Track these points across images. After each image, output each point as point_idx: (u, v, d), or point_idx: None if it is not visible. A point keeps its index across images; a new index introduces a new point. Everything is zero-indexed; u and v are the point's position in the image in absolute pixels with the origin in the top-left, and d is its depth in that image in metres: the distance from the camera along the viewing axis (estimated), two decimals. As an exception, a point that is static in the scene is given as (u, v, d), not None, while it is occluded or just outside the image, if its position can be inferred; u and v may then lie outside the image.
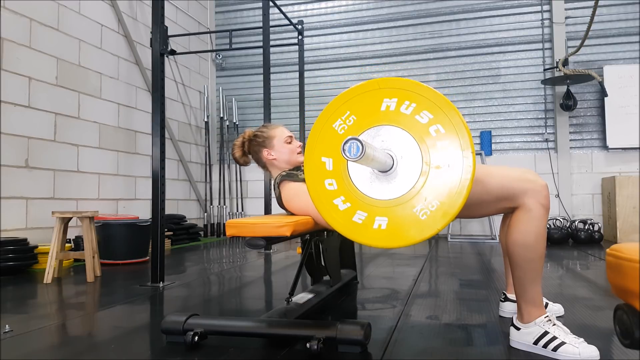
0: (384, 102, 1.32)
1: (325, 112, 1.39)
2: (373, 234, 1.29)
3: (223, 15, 6.87)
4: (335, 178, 1.35)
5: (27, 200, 3.74)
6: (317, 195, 1.37)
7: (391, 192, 1.29)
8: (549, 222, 5.09)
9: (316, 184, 1.37)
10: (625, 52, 5.48)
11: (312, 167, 1.38)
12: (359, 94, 1.36)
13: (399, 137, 1.30)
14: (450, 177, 1.23)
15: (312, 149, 1.40)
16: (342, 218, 1.33)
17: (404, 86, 1.31)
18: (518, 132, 5.78)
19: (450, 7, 6.02)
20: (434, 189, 1.24)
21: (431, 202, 1.24)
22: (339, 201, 1.33)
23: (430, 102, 1.28)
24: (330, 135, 1.37)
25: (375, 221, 1.29)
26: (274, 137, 1.95)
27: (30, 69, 3.80)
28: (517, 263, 1.51)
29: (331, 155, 1.36)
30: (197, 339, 1.58)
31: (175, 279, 3.04)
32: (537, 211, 1.48)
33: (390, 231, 1.27)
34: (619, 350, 1.51)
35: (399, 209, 1.27)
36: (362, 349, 1.50)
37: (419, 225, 1.25)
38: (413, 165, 1.27)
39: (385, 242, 1.28)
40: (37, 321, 2.01)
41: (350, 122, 1.35)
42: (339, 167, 1.35)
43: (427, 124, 1.27)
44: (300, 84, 5.34)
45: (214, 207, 6.42)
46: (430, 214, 1.24)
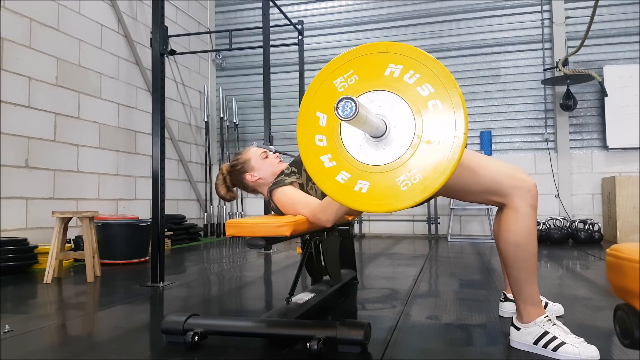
0: (389, 67, 1.31)
1: (328, 67, 1.37)
2: (352, 195, 1.29)
3: (223, 15, 6.87)
4: (326, 135, 1.34)
5: (27, 200, 3.74)
6: (306, 148, 1.36)
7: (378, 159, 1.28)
8: (549, 222, 5.09)
9: (306, 137, 1.36)
10: (625, 52, 5.48)
11: (305, 119, 1.37)
12: (365, 54, 1.34)
13: (396, 105, 1.29)
14: (438, 154, 1.23)
15: (308, 101, 1.38)
16: (325, 175, 1.32)
17: (412, 55, 1.30)
18: (518, 132, 5.78)
19: (450, 7, 6.02)
20: (420, 163, 1.24)
21: (414, 174, 1.23)
22: (326, 158, 1.33)
23: (435, 76, 1.27)
24: (330, 91, 1.36)
25: (357, 184, 1.29)
26: (250, 159, 1.97)
27: (30, 69, 3.80)
28: (511, 262, 1.52)
29: (326, 111, 1.35)
30: (197, 339, 1.58)
31: (175, 279, 3.04)
32: (524, 210, 1.49)
33: (369, 195, 1.27)
34: (619, 350, 1.51)
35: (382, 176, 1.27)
36: (362, 349, 1.50)
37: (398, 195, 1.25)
38: (405, 135, 1.27)
39: (363, 205, 1.28)
40: (37, 321, 2.01)
41: (352, 82, 1.34)
42: (332, 124, 1.34)
43: (427, 97, 1.26)
44: (300, 84, 5.34)
45: (214, 207, 6.42)
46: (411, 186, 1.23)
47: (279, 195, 1.78)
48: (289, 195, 1.76)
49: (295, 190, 1.78)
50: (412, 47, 1.30)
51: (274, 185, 1.83)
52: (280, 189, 1.80)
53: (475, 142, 5.87)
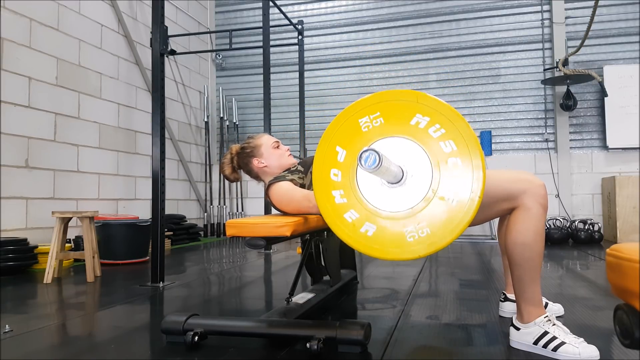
0: (416, 117, 1.31)
1: (355, 105, 1.37)
2: (357, 236, 1.30)
3: (223, 15, 6.87)
4: (342, 171, 1.34)
5: (27, 200, 3.74)
6: (319, 180, 1.36)
7: (390, 205, 1.28)
8: (549, 222, 5.09)
9: (322, 169, 1.37)
10: (625, 52, 5.48)
11: (325, 151, 1.37)
12: (394, 100, 1.34)
13: (417, 155, 1.29)
14: (450, 212, 1.23)
15: (331, 134, 1.38)
16: (334, 211, 1.33)
17: (441, 109, 1.30)
18: (518, 132, 5.78)
19: (450, 7, 6.02)
20: (431, 218, 1.24)
21: (423, 228, 1.23)
22: (337, 194, 1.33)
23: (459, 134, 1.27)
24: (353, 128, 1.36)
25: (364, 225, 1.29)
26: (261, 145, 1.96)
27: (30, 69, 3.80)
28: (517, 262, 1.52)
29: (346, 147, 1.35)
30: (197, 339, 1.58)
31: (175, 279, 3.04)
32: (535, 210, 1.49)
33: (374, 240, 1.28)
34: (619, 350, 1.51)
35: (391, 223, 1.27)
36: (362, 349, 1.50)
37: (403, 245, 1.25)
38: (420, 187, 1.27)
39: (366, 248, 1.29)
40: (37, 321, 2.01)
41: (377, 124, 1.34)
42: (350, 161, 1.34)
43: (449, 154, 1.26)
44: (300, 84, 5.34)
45: (214, 207, 6.42)
46: (418, 239, 1.24)
47: (275, 189, 1.78)
48: (284, 190, 1.76)
49: (293, 186, 1.77)
50: (442, 102, 1.31)
51: (274, 180, 1.83)
52: (277, 184, 1.79)
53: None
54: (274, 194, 1.78)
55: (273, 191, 1.78)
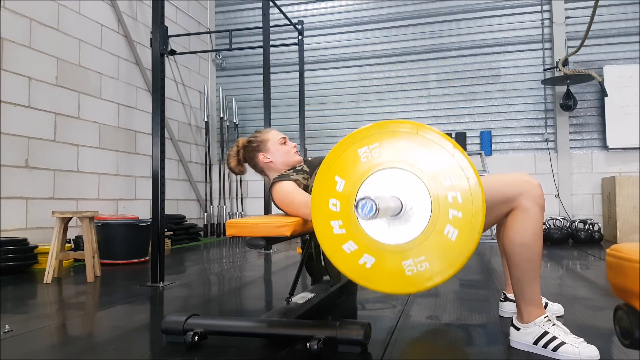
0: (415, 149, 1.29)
1: (355, 135, 1.35)
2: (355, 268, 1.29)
3: (223, 15, 6.87)
4: (341, 201, 1.33)
5: (27, 200, 3.74)
6: (317, 210, 1.35)
7: (389, 237, 1.27)
8: (549, 222, 5.09)
9: (320, 199, 1.35)
10: (625, 52, 5.48)
11: (323, 180, 1.36)
12: (394, 131, 1.32)
13: (417, 187, 1.27)
14: (449, 247, 1.22)
15: (330, 163, 1.37)
16: (333, 242, 1.32)
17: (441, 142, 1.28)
18: (518, 132, 5.78)
19: (450, 7, 6.02)
20: (430, 252, 1.23)
21: (422, 262, 1.23)
22: (336, 224, 1.32)
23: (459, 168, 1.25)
24: (352, 158, 1.34)
25: (363, 257, 1.28)
26: (268, 140, 1.95)
27: (30, 69, 3.80)
28: (515, 263, 1.52)
29: (345, 177, 1.34)
30: (197, 339, 1.58)
31: (175, 279, 3.04)
32: (533, 210, 1.49)
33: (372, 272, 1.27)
34: (619, 350, 1.51)
35: (390, 255, 1.26)
36: (362, 349, 1.50)
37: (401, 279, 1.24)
38: (419, 220, 1.26)
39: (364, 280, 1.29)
40: (37, 321, 2.01)
41: (376, 154, 1.32)
42: (349, 191, 1.32)
43: (448, 188, 1.25)
44: (300, 84, 5.34)
45: (214, 207, 6.42)
46: (416, 273, 1.23)
47: (278, 188, 1.78)
48: (286, 191, 1.75)
49: (296, 188, 1.76)
50: (442, 133, 1.29)
51: (279, 178, 1.82)
52: (280, 183, 1.79)
53: (475, 142, 5.87)
54: (276, 193, 1.78)
55: (276, 190, 1.78)
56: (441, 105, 5.98)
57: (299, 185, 1.80)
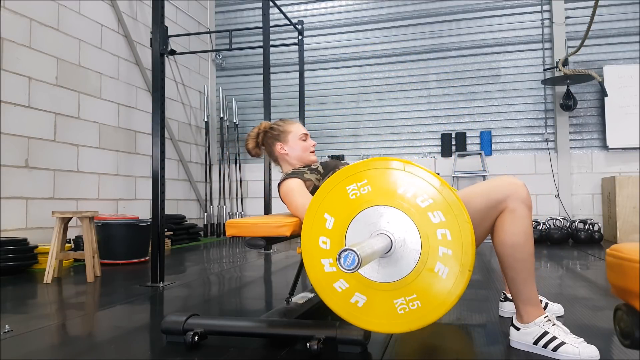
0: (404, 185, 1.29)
1: (343, 172, 1.35)
2: (347, 307, 1.28)
3: (223, 15, 6.87)
4: (331, 239, 1.32)
5: (27, 200, 3.74)
6: (308, 248, 1.34)
7: (380, 275, 1.26)
8: (549, 222, 5.09)
9: (310, 237, 1.35)
10: (625, 52, 5.48)
11: (313, 218, 1.36)
12: (381, 168, 1.32)
13: (405, 225, 1.26)
14: (440, 285, 1.21)
15: (318, 201, 1.36)
16: (324, 279, 1.31)
17: (428, 179, 1.28)
18: (518, 132, 5.78)
19: (450, 7, 6.02)
20: (421, 290, 1.22)
21: (413, 301, 1.22)
22: (327, 262, 1.31)
23: (448, 205, 1.25)
24: (341, 195, 1.34)
25: (354, 296, 1.28)
26: (289, 132, 1.94)
27: (30, 69, 3.80)
28: (508, 264, 1.52)
29: (334, 214, 1.33)
30: (197, 339, 1.58)
31: (175, 279, 3.04)
32: (520, 211, 1.50)
33: (364, 311, 1.26)
34: (619, 350, 1.51)
35: (381, 294, 1.25)
36: (362, 349, 1.50)
37: (393, 318, 1.24)
38: (409, 258, 1.25)
39: (356, 319, 1.28)
40: (37, 321, 2.01)
41: (364, 191, 1.31)
42: (338, 229, 1.32)
43: (437, 225, 1.24)
44: (300, 84, 5.34)
45: (214, 207, 6.42)
46: (408, 312, 1.22)
47: (285, 184, 1.78)
48: (290, 189, 1.75)
49: (301, 189, 1.76)
50: (429, 170, 1.29)
51: (292, 174, 1.81)
52: (289, 180, 1.78)
53: (475, 142, 5.86)
54: (283, 186, 1.78)
55: (283, 185, 1.78)
56: (441, 105, 5.98)
57: (310, 185, 1.79)
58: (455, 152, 5.80)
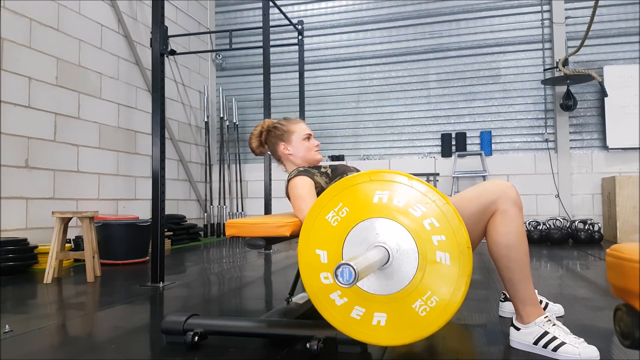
0: (376, 194, 1.29)
1: (317, 204, 1.36)
2: (372, 331, 1.27)
3: (223, 15, 6.87)
4: (331, 272, 1.31)
5: (27, 200, 3.74)
6: (313, 289, 1.34)
7: (389, 287, 1.26)
8: (549, 222, 5.09)
9: (311, 278, 1.34)
10: (625, 52, 5.48)
11: (307, 259, 1.35)
12: (350, 186, 1.32)
13: (394, 230, 1.27)
14: (447, 272, 1.21)
15: (305, 240, 1.36)
16: (339, 314, 1.31)
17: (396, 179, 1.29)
18: (518, 132, 5.78)
19: (450, 7, 6.02)
20: (432, 284, 1.22)
21: (430, 297, 1.22)
22: (336, 296, 1.31)
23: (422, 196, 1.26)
24: (324, 227, 1.34)
25: (374, 317, 1.27)
26: (293, 132, 1.93)
27: (30, 69, 3.80)
28: (504, 265, 1.52)
29: (325, 247, 1.33)
30: (197, 339, 1.58)
31: (175, 279, 3.04)
32: (511, 211, 1.50)
33: (389, 328, 1.25)
34: (619, 350, 1.51)
35: (398, 304, 1.25)
36: (362, 349, 1.50)
37: (418, 322, 1.23)
38: (409, 259, 1.25)
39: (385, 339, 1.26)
40: (37, 321, 2.01)
41: (343, 214, 1.32)
42: (334, 260, 1.31)
43: (421, 217, 1.25)
44: (300, 84, 5.34)
45: (214, 207, 6.42)
46: (430, 310, 1.22)
47: (296, 182, 1.76)
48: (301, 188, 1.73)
49: (311, 190, 1.75)
50: (394, 171, 1.30)
51: (304, 172, 1.80)
52: (302, 177, 1.76)
53: (475, 142, 5.86)
54: (292, 184, 1.77)
55: (295, 180, 1.76)
56: (441, 105, 5.98)
57: (318, 187, 1.78)
58: (455, 152, 5.80)
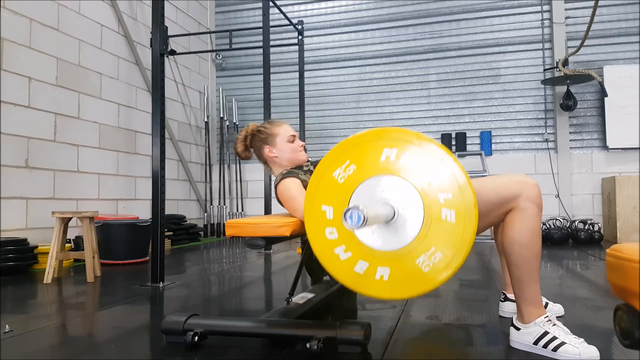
0: (384, 152, 1.31)
1: (324, 161, 1.37)
2: (375, 285, 1.28)
3: (223, 15, 6.87)
4: (336, 227, 1.33)
5: (27, 200, 3.74)
6: (318, 243, 1.35)
7: (393, 243, 1.27)
8: (549, 222, 5.09)
9: (317, 233, 1.35)
10: (625, 52, 5.48)
11: (312, 215, 1.37)
12: (358, 144, 1.34)
13: (400, 187, 1.27)
14: (453, 229, 1.22)
15: (312, 197, 1.37)
16: (343, 268, 1.31)
17: (404, 137, 1.30)
18: (518, 132, 5.78)
19: (450, 7, 6.02)
20: (437, 240, 1.23)
21: (434, 253, 1.23)
22: (340, 250, 1.32)
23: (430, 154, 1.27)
24: (330, 183, 1.35)
25: (377, 272, 1.27)
26: (276, 135, 1.93)
27: (30, 69, 3.80)
28: (515, 262, 1.52)
29: (331, 203, 1.34)
30: (197, 339, 1.58)
31: (175, 279, 3.04)
32: (531, 210, 1.50)
33: (392, 283, 1.26)
34: (619, 350, 1.51)
35: (401, 260, 1.26)
36: (362, 349, 1.50)
37: (421, 277, 1.24)
38: (415, 215, 1.26)
39: (387, 293, 1.27)
40: (37, 321, 2.01)
41: (350, 172, 1.33)
42: (340, 215, 1.32)
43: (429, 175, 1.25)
44: (300, 84, 5.34)
45: (214, 207, 6.42)
46: (433, 266, 1.23)
47: (283, 187, 1.77)
48: (291, 189, 1.74)
49: (299, 189, 1.76)
50: (403, 130, 1.31)
51: (287, 174, 1.81)
52: (289, 179, 1.78)
53: (475, 142, 5.86)
54: (280, 188, 1.78)
55: (281, 186, 1.78)
56: (441, 106, 5.98)
57: (304, 184, 1.79)
58: (455, 152, 5.80)
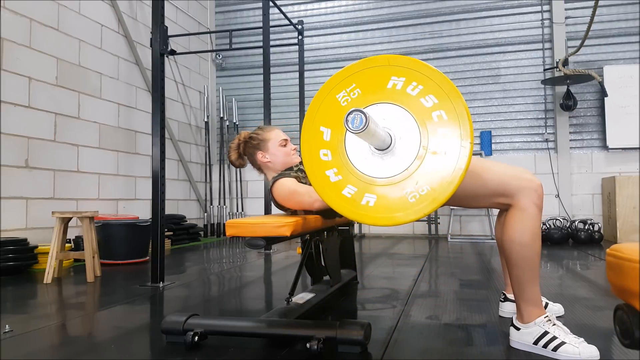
0: (391, 80, 1.30)
1: (330, 82, 1.37)
2: (360, 210, 1.28)
3: (223, 15, 6.87)
4: (331, 149, 1.34)
5: (27, 200, 3.74)
6: (311, 163, 1.35)
7: (384, 171, 1.28)
8: (549, 222, 5.09)
9: (311, 152, 1.36)
10: (625, 52, 5.48)
11: (309, 134, 1.37)
12: (367, 68, 1.34)
13: (400, 117, 1.28)
14: (444, 165, 1.22)
15: (312, 116, 1.37)
16: (331, 190, 1.32)
17: (414, 66, 1.29)
18: (518, 132, 5.78)
19: (450, 7, 6.02)
20: (427, 174, 1.23)
21: (422, 186, 1.23)
22: (331, 172, 1.32)
23: (438, 87, 1.26)
24: (333, 105, 1.35)
25: (364, 197, 1.28)
26: (268, 140, 1.95)
27: (30, 69, 3.80)
28: (515, 262, 1.52)
29: (330, 125, 1.35)
30: (197, 339, 1.58)
31: (175, 279, 3.04)
32: (531, 210, 1.50)
33: (377, 209, 1.26)
34: (619, 350, 1.51)
35: (389, 188, 1.26)
36: (362, 349, 1.50)
37: (406, 207, 1.24)
38: (410, 147, 1.26)
39: (370, 219, 1.27)
40: (37, 321, 2.01)
41: (355, 95, 1.33)
42: (337, 138, 1.34)
43: (431, 109, 1.26)
44: (300, 84, 5.34)
45: (214, 207, 6.42)
46: (420, 198, 1.23)
47: (278, 185, 1.78)
48: (287, 187, 1.75)
49: (296, 182, 1.77)
50: (414, 59, 1.30)
51: (278, 176, 1.82)
52: (280, 180, 1.79)
53: (475, 142, 5.86)
54: (276, 189, 1.78)
55: (276, 187, 1.79)
56: (441, 105, 5.97)
57: (299, 182, 1.80)
58: (455, 152, 5.79)
